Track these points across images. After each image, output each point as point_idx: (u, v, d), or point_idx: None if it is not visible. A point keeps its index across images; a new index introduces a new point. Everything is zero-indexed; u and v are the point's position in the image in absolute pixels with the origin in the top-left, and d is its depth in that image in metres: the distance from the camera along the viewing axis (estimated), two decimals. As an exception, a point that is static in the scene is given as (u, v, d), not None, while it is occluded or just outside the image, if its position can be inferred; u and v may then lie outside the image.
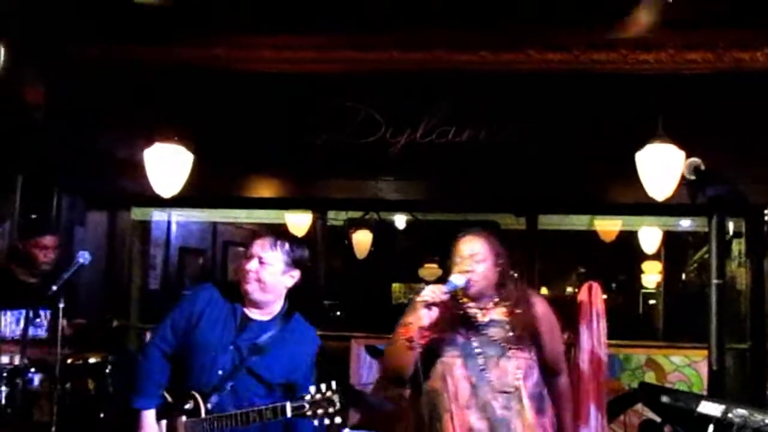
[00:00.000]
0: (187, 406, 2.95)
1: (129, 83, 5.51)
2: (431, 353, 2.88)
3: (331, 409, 2.76)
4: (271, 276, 3.00)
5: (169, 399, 3.04)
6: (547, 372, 2.96)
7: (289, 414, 2.79)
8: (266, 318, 3.05)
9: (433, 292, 2.77)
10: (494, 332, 2.87)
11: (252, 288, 3.00)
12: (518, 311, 2.90)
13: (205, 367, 2.96)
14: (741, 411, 3.21)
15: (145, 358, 3.11)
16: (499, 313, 2.91)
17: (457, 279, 2.84)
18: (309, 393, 2.79)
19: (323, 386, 2.79)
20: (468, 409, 2.80)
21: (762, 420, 3.06)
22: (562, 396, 2.99)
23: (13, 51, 4.82)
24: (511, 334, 2.86)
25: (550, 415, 2.93)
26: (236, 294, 3.08)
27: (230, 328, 3.01)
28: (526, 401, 2.81)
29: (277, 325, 3.04)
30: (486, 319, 2.91)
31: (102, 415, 4.37)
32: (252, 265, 2.98)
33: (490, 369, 2.83)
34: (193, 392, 2.95)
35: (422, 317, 2.77)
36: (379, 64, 5.35)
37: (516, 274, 3.02)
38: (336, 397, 2.77)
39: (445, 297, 2.78)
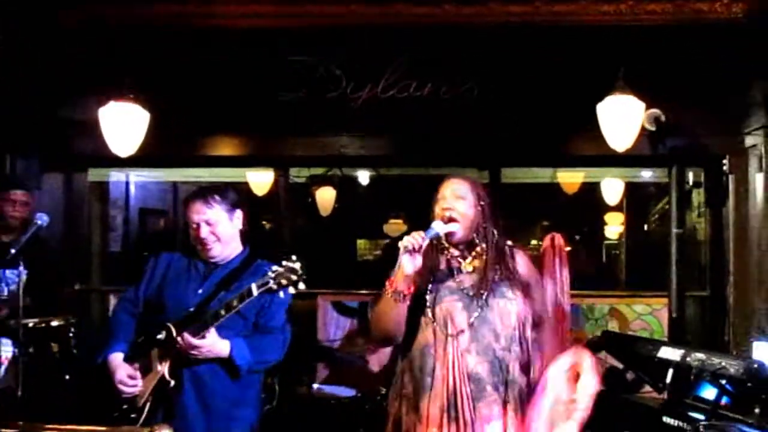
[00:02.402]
0: (159, 336, 3.02)
1: (83, 41, 5.36)
2: (434, 301, 2.82)
3: (294, 277, 2.79)
4: (223, 229, 3.09)
5: (140, 342, 3.11)
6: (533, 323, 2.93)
7: (255, 293, 2.82)
8: (228, 259, 3.15)
9: (413, 238, 2.69)
10: (484, 279, 2.82)
11: (215, 251, 3.11)
12: (502, 260, 2.87)
13: (177, 312, 3.03)
14: (699, 355, 3.29)
15: (111, 318, 3.28)
16: (482, 263, 2.86)
17: (437, 225, 2.77)
18: (270, 269, 2.82)
19: (283, 261, 2.81)
20: (468, 353, 2.74)
21: (719, 363, 3.14)
22: (545, 346, 2.95)
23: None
24: (503, 279, 2.84)
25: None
26: (194, 251, 3.16)
27: (196, 278, 3.12)
28: (524, 344, 2.81)
29: (240, 264, 3.13)
30: (470, 268, 2.87)
31: (67, 378, 4.37)
32: (203, 232, 3.06)
33: (491, 309, 2.79)
34: (167, 324, 3.01)
35: (405, 265, 2.68)
36: (339, 19, 5.27)
37: (496, 229, 2.93)
38: (297, 265, 2.80)
39: (425, 242, 2.70)
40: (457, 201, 2.83)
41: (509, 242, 2.98)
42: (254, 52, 5.41)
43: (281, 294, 2.82)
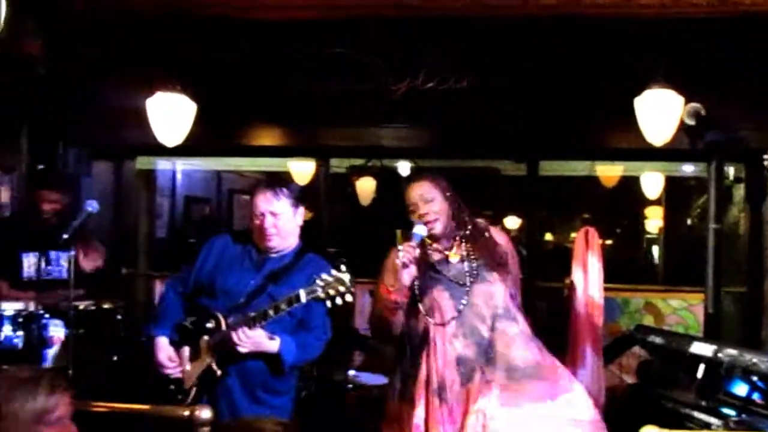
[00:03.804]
0: (208, 325, 3.10)
1: (129, 33, 5.50)
2: (421, 292, 2.99)
3: (342, 288, 2.85)
4: (286, 223, 3.14)
5: (190, 326, 3.19)
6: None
7: (303, 299, 2.88)
8: (282, 253, 3.20)
9: (407, 252, 2.87)
10: (468, 266, 2.99)
11: (274, 243, 3.16)
12: (481, 244, 3.02)
13: (227, 300, 3.12)
14: (730, 351, 3.31)
15: (161, 297, 3.36)
16: (465, 249, 3.03)
17: (419, 230, 2.94)
18: (320, 278, 2.87)
19: (332, 270, 2.88)
20: (455, 338, 2.90)
21: (750, 360, 3.16)
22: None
23: (13, 3, 4.82)
24: (484, 263, 2.98)
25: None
26: (250, 239, 3.23)
27: (249, 267, 3.18)
28: (514, 318, 2.94)
29: (293, 258, 3.19)
30: (456, 258, 3.02)
31: (115, 359, 4.53)
32: (268, 222, 3.10)
33: (475, 294, 2.94)
34: (216, 313, 3.10)
35: (404, 278, 2.89)
36: (378, 10, 5.31)
37: (467, 212, 3.10)
38: (346, 277, 2.85)
39: (416, 252, 2.89)
40: (428, 204, 3.00)
41: (481, 220, 3.14)
42: (296, 43, 5.49)
43: (328, 303, 2.89)
